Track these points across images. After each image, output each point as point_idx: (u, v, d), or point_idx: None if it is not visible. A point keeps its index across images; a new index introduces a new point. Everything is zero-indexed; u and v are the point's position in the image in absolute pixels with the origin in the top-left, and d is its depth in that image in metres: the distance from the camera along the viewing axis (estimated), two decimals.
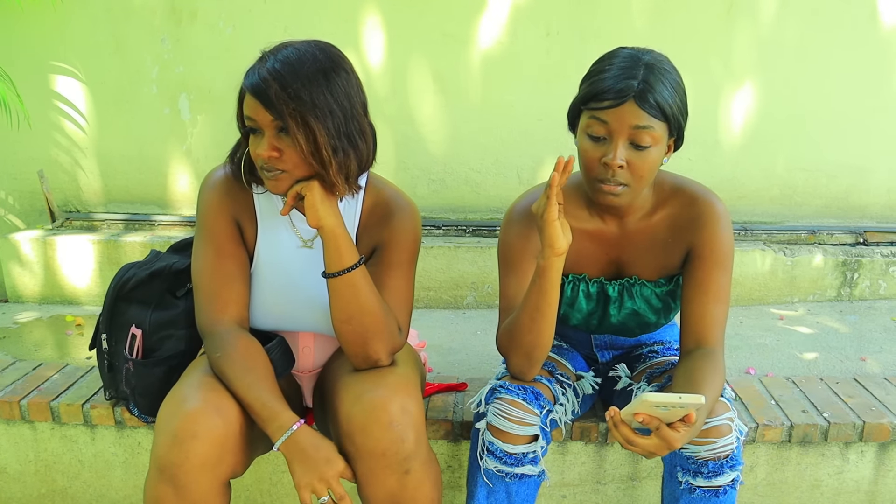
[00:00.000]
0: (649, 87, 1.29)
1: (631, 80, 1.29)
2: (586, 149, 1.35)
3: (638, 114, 1.29)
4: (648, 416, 1.21)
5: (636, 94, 1.28)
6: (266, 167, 1.31)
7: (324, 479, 1.29)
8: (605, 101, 1.30)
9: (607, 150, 1.32)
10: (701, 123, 2.86)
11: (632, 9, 2.79)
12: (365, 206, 1.50)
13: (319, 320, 1.51)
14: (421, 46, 2.86)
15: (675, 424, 1.22)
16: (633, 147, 1.32)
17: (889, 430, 1.80)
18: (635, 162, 1.32)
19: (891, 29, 2.81)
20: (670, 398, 1.16)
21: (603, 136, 1.32)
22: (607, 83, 1.30)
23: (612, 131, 1.31)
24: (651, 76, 1.30)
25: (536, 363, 1.46)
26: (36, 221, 3.11)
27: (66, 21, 2.89)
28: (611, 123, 1.30)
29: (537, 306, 1.37)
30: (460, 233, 2.94)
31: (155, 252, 1.80)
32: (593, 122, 1.32)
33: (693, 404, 1.17)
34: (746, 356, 2.30)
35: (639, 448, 1.24)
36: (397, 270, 1.46)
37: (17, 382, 1.98)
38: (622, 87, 1.29)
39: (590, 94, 1.33)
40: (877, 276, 2.82)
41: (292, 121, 1.25)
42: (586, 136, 1.35)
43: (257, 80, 1.27)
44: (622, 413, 1.25)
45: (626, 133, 1.30)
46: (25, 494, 1.99)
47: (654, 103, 1.29)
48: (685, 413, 1.20)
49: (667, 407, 1.18)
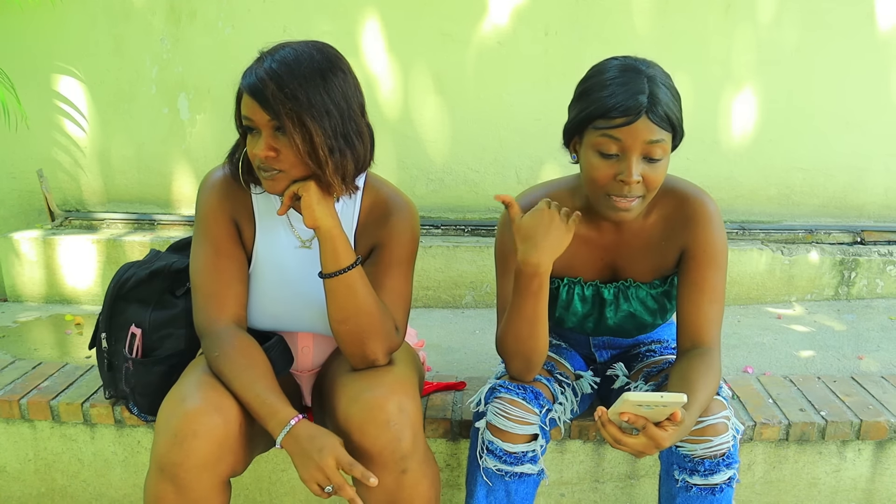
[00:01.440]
0: (657, 101, 1.28)
1: (640, 96, 1.28)
2: (597, 166, 1.33)
3: (651, 129, 1.28)
4: (634, 416, 1.22)
5: (647, 109, 1.27)
6: (263, 167, 1.32)
7: (321, 468, 1.26)
8: (617, 119, 1.28)
9: (621, 168, 1.31)
10: (699, 123, 2.87)
11: (630, 9, 2.79)
12: (363, 206, 1.50)
13: (318, 320, 1.51)
14: (420, 46, 2.86)
15: (663, 423, 1.23)
16: (646, 161, 1.31)
17: (886, 428, 1.81)
18: (649, 175, 1.32)
19: (888, 29, 2.82)
20: (651, 397, 1.17)
21: (615, 154, 1.31)
22: (617, 99, 1.28)
23: (625, 148, 1.30)
24: (656, 88, 1.29)
25: (536, 366, 1.47)
26: (35, 221, 3.11)
27: (66, 21, 2.89)
28: (624, 140, 1.29)
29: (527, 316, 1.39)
30: (459, 232, 2.94)
31: (154, 251, 1.81)
32: (605, 140, 1.30)
33: (675, 402, 1.17)
34: (744, 355, 2.31)
35: (627, 447, 1.25)
36: (395, 270, 1.46)
37: (17, 381, 1.99)
38: (634, 104, 1.27)
39: (597, 111, 1.30)
40: (874, 276, 2.83)
41: (289, 121, 1.25)
42: (596, 154, 1.33)
43: (254, 80, 1.27)
44: (609, 413, 1.25)
45: (640, 149, 1.30)
46: (25, 493, 1.99)
47: (663, 116, 1.29)
48: (671, 412, 1.21)
49: (650, 406, 1.19)
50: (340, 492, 1.30)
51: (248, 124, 1.31)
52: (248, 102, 1.29)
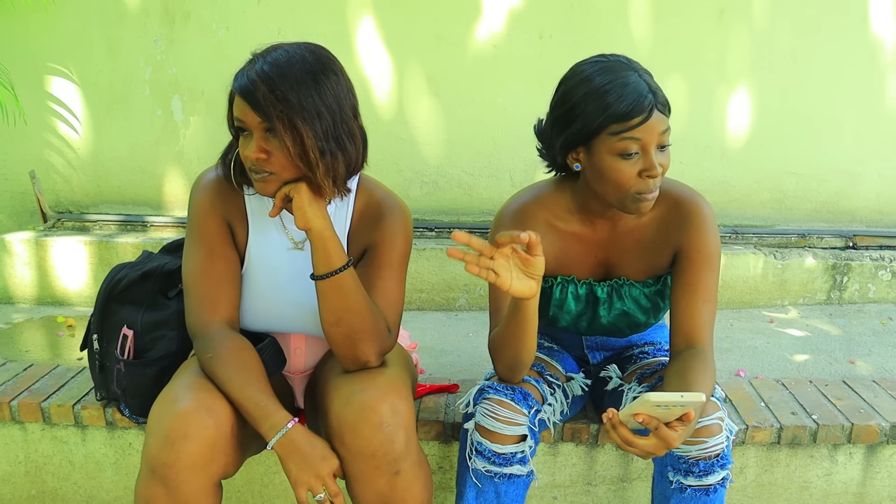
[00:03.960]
0: (655, 90, 1.33)
1: (645, 92, 1.31)
2: (621, 169, 1.34)
3: (661, 119, 1.32)
4: (648, 417, 1.22)
5: (654, 103, 1.31)
6: (254, 168, 1.32)
7: (320, 477, 1.29)
8: (634, 119, 1.30)
9: (644, 164, 1.33)
10: (693, 127, 2.88)
11: (625, 13, 2.80)
12: (356, 208, 1.50)
13: (310, 322, 1.51)
14: (414, 49, 2.86)
15: (673, 424, 1.23)
16: (660, 150, 1.35)
17: (877, 432, 1.82)
18: (663, 162, 1.36)
19: (881, 34, 2.83)
20: (672, 397, 1.17)
21: (636, 152, 1.33)
22: (628, 101, 1.30)
23: (645, 144, 1.32)
24: (646, 77, 1.34)
25: (523, 368, 1.47)
26: (27, 222, 3.10)
27: (59, 22, 2.89)
28: (644, 138, 1.31)
29: (516, 332, 1.38)
30: None
31: (147, 253, 1.80)
32: (626, 142, 1.31)
33: (694, 402, 1.18)
34: (737, 358, 2.31)
35: (637, 449, 1.25)
36: (388, 271, 1.46)
37: (8, 383, 1.98)
38: (645, 102, 1.30)
39: (610, 118, 1.31)
40: (866, 280, 2.84)
41: (279, 123, 1.25)
42: (618, 158, 1.33)
43: (246, 82, 1.27)
44: (620, 414, 1.25)
45: (657, 141, 1.33)
46: (15, 496, 1.98)
47: (665, 103, 1.33)
48: (683, 412, 1.21)
49: (667, 406, 1.19)
50: (335, 499, 1.31)
51: (239, 125, 1.31)
52: (240, 104, 1.29)
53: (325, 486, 1.30)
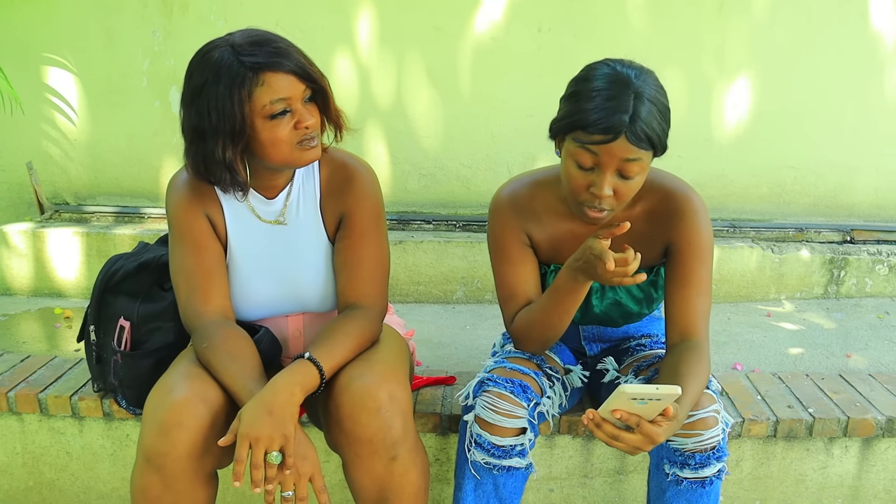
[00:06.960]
0: (639, 119, 1.25)
1: (622, 115, 1.25)
2: (573, 175, 1.33)
3: (628, 148, 1.26)
4: (627, 413, 1.22)
5: (627, 129, 1.25)
6: (308, 136, 1.37)
7: (297, 474, 1.29)
8: (595, 136, 1.27)
9: (594, 180, 1.31)
10: (691, 121, 2.87)
11: (624, 7, 2.79)
12: (322, 177, 1.53)
13: (303, 297, 1.54)
14: (413, 41, 2.85)
15: (656, 419, 1.23)
16: (620, 177, 1.31)
17: (872, 425, 1.82)
18: (621, 189, 1.32)
19: (880, 28, 2.83)
20: (647, 389, 1.17)
21: (591, 166, 1.31)
22: (597, 115, 1.26)
23: (600, 163, 1.29)
24: (640, 106, 1.26)
25: (551, 343, 1.54)
26: (25, 214, 3.09)
27: (57, 12, 2.87)
28: (600, 156, 1.28)
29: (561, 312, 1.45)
30: (451, 228, 2.94)
31: (143, 244, 1.80)
32: (582, 152, 1.29)
33: (670, 395, 1.18)
34: (733, 352, 2.32)
35: (624, 444, 1.25)
36: (367, 238, 1.49)
37: (5, 374, 1.98)
38: (613, 124, 1.25)
39: (577, 123, 1.28)
40: (863, 274, 2.84)
41: (322, 79, 1.38)
42: (573, 163, 1.32)
43: (279, 59, 1.31)
44: (600, 411, 1.25)
45: (616, 165, 1.29)
46: (13, 487, 1.98)
47: (643, 136, 1.26)
48: (663, 407, 1.21)
49: (644, 400, 1.19)
50: (320, 497, 1.31)
51: (282, 106, 1.33)
52: (284, 81, 1.32)
53: (296, 486, 1.29)
